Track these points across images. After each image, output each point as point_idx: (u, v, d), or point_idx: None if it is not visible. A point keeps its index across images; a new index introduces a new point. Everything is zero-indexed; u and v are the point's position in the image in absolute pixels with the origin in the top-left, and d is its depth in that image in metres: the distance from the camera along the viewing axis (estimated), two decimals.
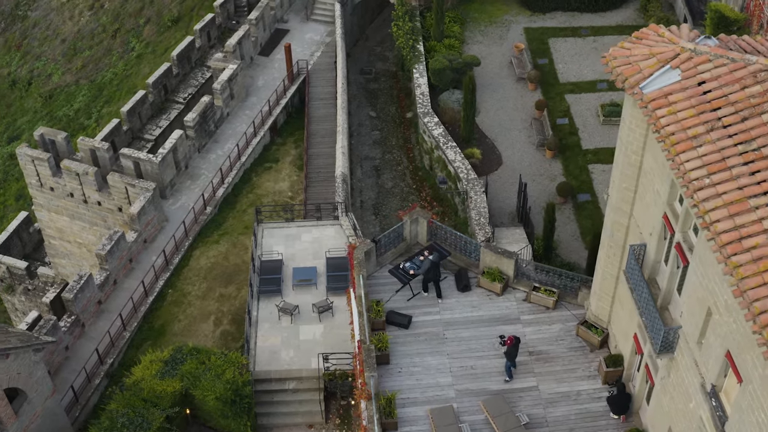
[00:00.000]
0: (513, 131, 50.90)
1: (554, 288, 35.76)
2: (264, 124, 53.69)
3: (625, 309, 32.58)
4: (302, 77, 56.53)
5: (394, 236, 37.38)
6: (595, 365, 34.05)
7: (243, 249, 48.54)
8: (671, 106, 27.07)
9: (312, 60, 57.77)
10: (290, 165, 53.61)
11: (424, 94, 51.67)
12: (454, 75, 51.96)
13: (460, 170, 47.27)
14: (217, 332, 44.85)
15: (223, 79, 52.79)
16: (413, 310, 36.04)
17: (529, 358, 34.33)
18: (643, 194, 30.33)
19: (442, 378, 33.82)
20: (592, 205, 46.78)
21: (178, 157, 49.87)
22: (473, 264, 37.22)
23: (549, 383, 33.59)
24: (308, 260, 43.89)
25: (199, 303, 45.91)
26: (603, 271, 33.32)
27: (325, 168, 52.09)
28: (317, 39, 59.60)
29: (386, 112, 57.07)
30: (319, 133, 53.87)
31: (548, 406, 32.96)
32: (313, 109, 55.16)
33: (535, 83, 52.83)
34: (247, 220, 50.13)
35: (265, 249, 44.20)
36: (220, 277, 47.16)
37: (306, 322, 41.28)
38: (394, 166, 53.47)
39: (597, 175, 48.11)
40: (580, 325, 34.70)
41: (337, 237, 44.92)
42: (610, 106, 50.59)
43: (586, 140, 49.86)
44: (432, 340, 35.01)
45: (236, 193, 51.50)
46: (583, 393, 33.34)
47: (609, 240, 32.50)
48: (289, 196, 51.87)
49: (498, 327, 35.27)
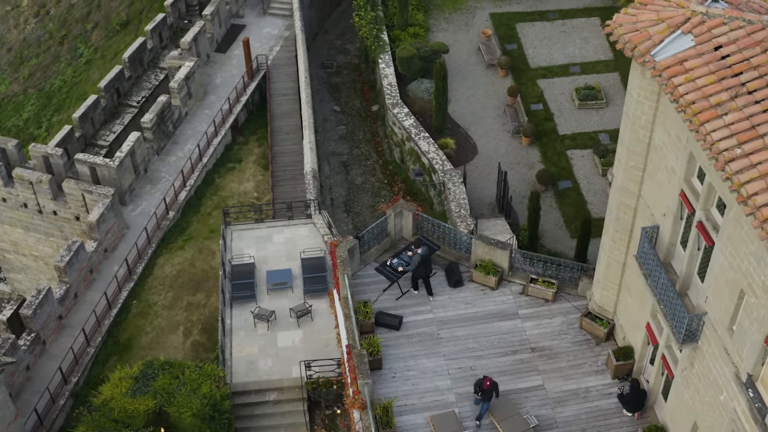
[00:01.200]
0: (486, 119, 47.90)
1: (553, 279, 32.69)
2: (225, 123, 50.15)
3: (635, 297, 29.64)
4: (262, 73, 53.06)
5: (377, 232, 34.12)
6: (603, 359, 31.07)
7: (210, 254, 45.07)
8: (688, 73, 24.19)
9: (271, 55, 54.32)
10: (254, 164, 50.14)
11: (392, 85, 48.49)
12: (422, 63, 48.84)
13: (435, 161, 44.17)
14: (188, 343, 41.36)
15: (179, 77, 49.16)
16: (403, 309, 32.81)
17: (532, 354, 31.26)
18: (654, 172, 27.40)
19: (441, 381, 30.62)
20: (574, 192, 43.92)
21: (136, 161, 46.16)
22: (464, 257, 34.07)
23: (555, 381, 30.56)
24: (282, 262, 40.47)
25: (167, 313, 42.39)
26: (608, 258, 30.35)
27: (292, 165, 48.73)
28: (275, 33, 56.14)
29: (351, 106, 53.80)
30: (283, 130, 50.46)
31: (556, 406, 29.92)
32: (275, 105, 51.71)
33: (505, 69, 49.88)
34: (212, 224, 46.64)
35: (235, 252, 40.70)
36: (187, 285, 43.64)
37: (284, 328, 37.91)
38: (363, 161, 50.22)
39: (576, 160, 45.26)
40: (583, 317, 31.72)
41: (311, 236, 41.54)
42: (585, 90, 47.82)
43: (563, 125, 47.01)
44: (426, 341, 31.80)
45: (199, 196, 47.92)
46: (593, 390, 30.35)
47: (614, 224, 29.53)
48: (255, 196, 48.40)
49: (495, 323, 32.19)
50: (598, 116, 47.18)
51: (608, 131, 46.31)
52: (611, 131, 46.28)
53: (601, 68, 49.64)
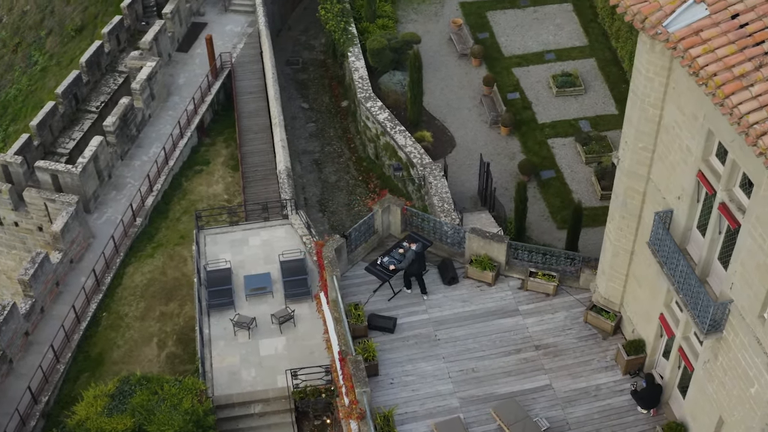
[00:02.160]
0: (462, 110, 45.54)
1: (553, 272, 30.36)
2: (190, 125, 47.35)
3: (645, 287, 27.40)
4: (226, 71, 50.30)
5: (364, 229, 31.57)
6: (612, 354, 28.80)
7: (181, 261, 42.28)
8: (706, 43, 21.91)
9: (235, 53, 51.56)
10: (223, 166, 47.38)
11: (363, 78, 45.95)
12: (393, 55, 46.38)
13: (413, 155, 41.73)
14: (162, 356, 38.60)
15: (141, 78, 46.26)
16: (397, 310, 30.31)
17: (536, 353, 28.90)
18: (665, 153, 25.15)
19: (442, 385, 28.15)
20: (557, 182, 41.70)
21: (99, 166, 43.22)
22: (457, 253, 31.63)
23: (563, 380, 28.22)
24: (260, 266, 37.84)
25: (139, 325, 39.59)
26: (614, 247, 28.08)
27: (262, 165, 46.08)
28: (238, 30, 53.38)
29: (319, 102, 51.19)
30: (252, 129, 47.77)
31: (567, 406, 27.58)
32: (241, 104, 48.98)
33: (479, 59, 47.56)
34: (182, 229, 43.85)
35: (210, 258, 37.97)
36: (159, 294, 40.87)
37: (266, 335, 35.34)
38: (335, 159, 47.65)
39: (558, 149, 43.05)
40: (588, 310, 29.42)
41: (288, 238, 38.94)
42: (563, 77, 45.65)
43: (542, 114, 44.78)
44: (423, 343, 29.31)
45: (167, 200, 45.09)
46: (603, 387, 28.04)
47: (621, 210, 27.25)
48: (226, 199, 45.65)
49: (495, 321, 29.80)
50: (577, 103, 45.04)
51: (588, 118, 44.19)
52: (591, 118, 44.18)
53: (577, 54, 47.52)
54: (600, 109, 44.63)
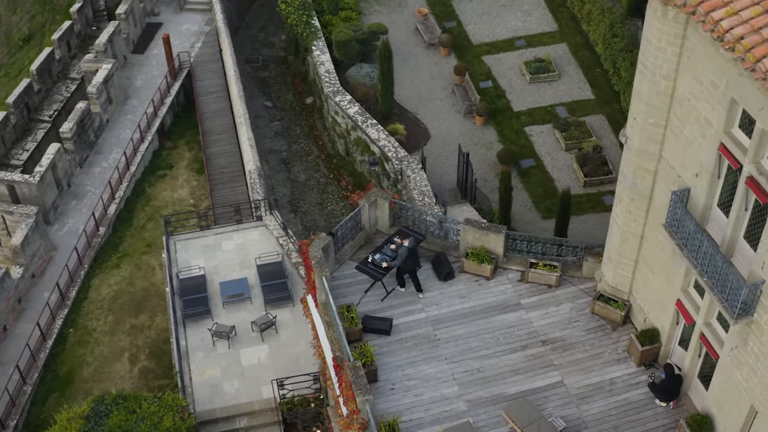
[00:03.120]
0: (434, 101, 43.30)
1: (555, 262, 28.16)
2: (150, 128, 44.56)
3: (658, 273, 25.30)
4: (185, 72, 47.53)
5: (350, 226, 29.09)
6: (623, 345, 26.66)
7: (149, 270, 39.54)
8: (728, 5, 19.90)
9: (193, 52, 48.80)
10: (186, 169, 44.64)
11: (330, 72, 43.49)
12: (360, 47, 44.01)
13: (388, 149, 39.38)
14: (135, 371, 35.92)
15: (97, 81, 43.37)
16: (391, 311, 27.89)
17: (544, 348, 26.66)
18: (679, 128, 23.07)
19: (446, 389, 25.79)
20: (538, 170, 39.62)
21: (58, 175, 40.28)
22: (451, 246, 29.30)
23: (575, 375, 26.01)
24: (235, 272, 35.20)
25: (108, 340, 36.85)
26: (622, 232, 25.93)
27: (229, 167, 43.47)
28: (195, 29, 50.65)
29: (283, 100, 48.61)
30: (215, 130, 45.13)
31: (581, 404, 25.37)
32: (203, 104, 46.28)
33: (447, 48, 45.36)
34: (147, 237, 41.09)
35: (182, 265, 35.23)
36: (128, 307, 38.12)
37: (246, 344, 32.75)
38: (303, 157, 45.12)
39: (536, 137, 40.97)
40: (595, 300, 27.25)
41: (264, 240, 36.33)
42: (535, 63, 43.62)
43: (516, 102, 42.69)
44: (422, 345, 26.93)
45: (130, 208, 42.28)
46: (618, 381, 25.89)
47: (630, 192, 25.12)
48: (192, 203, 42.95)
49: (497, 316, 27.49)
50: (551, 89, 43.01)
51: (565, 104, 42.19)
52: (568, 104, 42.19)
53: (547, 40, 45.51)
54: (576, 94, 42.66)
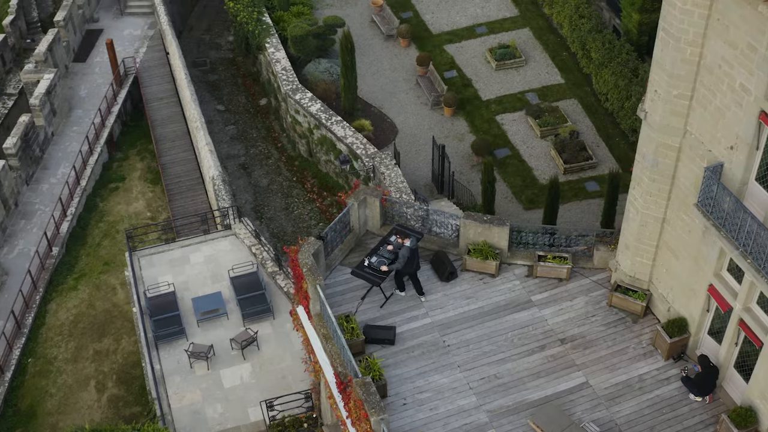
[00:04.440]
0: (399, 94, 40.43)
1: (564, 253, 25.49)
2: (99, 139, 40.94)
3: (685, 258, 22.76)
4: (131, 78, 43.89)
5: (339, 228, 26.05)
6: (647, 338, 24.08)
7: (109, 290, 36.09)
8: None
9: (138, 57, 45.14)
10: (140, 181, 41.11)
11: (287, 69, 40.35)
12: (317, 42, 40.93)
13: (356, 146, 36.43)
14: (103, 399, 32.57)
15: (40, 92, 39.57)
16: (393, 318, 24.91)
17: (563, 347, 23.94)
18: (708, 98, 20.53)
19: (463, 399, 22.91)
20: (514, 160, 36.99)
21: (4, 194, 36.53)
22: (450, 243, 26.44)
23: (600, 375, 23.34)
24: (208, 286, 31.98)
25: (71, 368, 33.41)
26: (641, 216, 23.34)
27: (186, 175, 40.11)
28: (138, 34, 47.02)
29: (235, 103, 45.28)
30: (168, 137, 41.67)
31: (611, 405, 22.71)
32: (153, 111, 42.75)
33: (407, 39, 42.54)
34: (105, 255, 37.55)
35: (149, 282, 31.85)
36: (90, 331, 34.66)
37: (227, 363, 29.67)
38: (263, 161, 41.88)
39: (509, 125, 38.35)
40: (612, 292, 24.62)
41: (235, 250, 33.12)
42: (500, 49, 41.00)
43: (484, 90, 40.01)
44: (431, 353, 24.01)
45: (83, 225, 38.66)
46: (647, 377, 23.29)
47: (650, 172, 22.53)
48: (149, 216, 39.45)
49: (508, 316, 24.69)
50: (519, 75, 40.44)
51: (535, 90, 39.63)
52: (538, 90, 39.63)
53: (509, 25, 42.96)
54: (545, 79, 40.14)
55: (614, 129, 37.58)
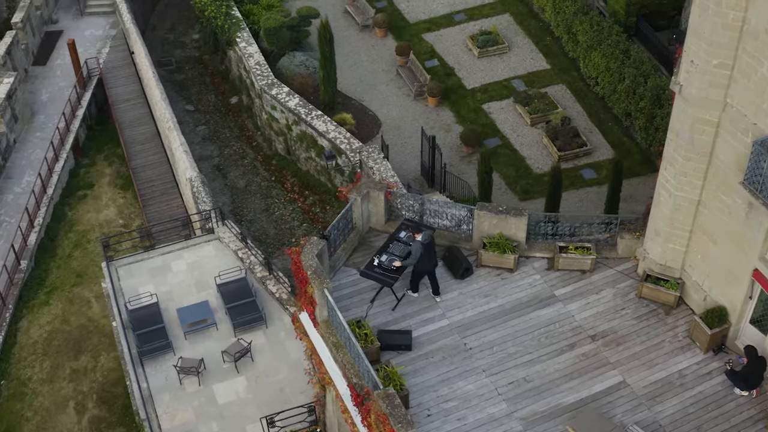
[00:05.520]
0: (379, 86, 38.00)
1: (586, 243, 23.24)
2: (64, 145, 37.98)
3: (725, 242, 20.61)
4: (95, 80, 40.90)
5: (342, 226, 23.54)
6: (683, 331, 21.91)
7: (84, 304, 33.30)
8: None
9: (102, 58, 42.17)
10: (110, 187, 38.24)
11: (261, 64, 37.71)
12: (291, 34, 38.37)
13: (340, 141, 33.95)
14: (84, 421, 29.92)
15: (0, 97, 36.37)
16: (407, 321, 22.46)
17: (594, 344, 21.68)
18: (753, 67, 18.39)
19: (493, 407, 20.54)
20: (506, 149, 34.74)
21: None
22: (461, 237, 24.06)
23: (637, 372, 21.12)
24: (193, 295, 29.27)
25: (48, 389, 30.61)
26: (674, 199, 21.17)
27: (159, 179, 37.40)
28: (100, 34, 44.05)
29: (205, 102, 42.48)
30: (138, 140, 38.87)
31: (653, 404, 20.50)
32: (120, 113, 39.89)
33: (383, 29, 40.12)
34: (76, 267, 34.71)
35: (129, 294, 29.06)
36: (66, 348, 31.87)
37: (219, 378, 27.01)
38: (238, 161, 39.17)
39: (497, 114, 36.10)
40: (642, 282, 22.42)
41: (220, 255, 30.43)
42: (482, 36, 38.74)
43: (468, 79, 37.71)
44: (453, 357, 21.60)
45: (52, 236, 35.73)
46: (687, 372, 21.12)
47: (685, 150, 20.35)
48: (122, 224, 36.61)
49: (532, 314, 22.39)
50: (503, 62, 38.19)
51: (520, 77, 37.41)
52: (524, 76, 37.42)
53: (488, 12, 40.69)
54: (530, 65, 37.96)
55: (606, 114, 35.49)
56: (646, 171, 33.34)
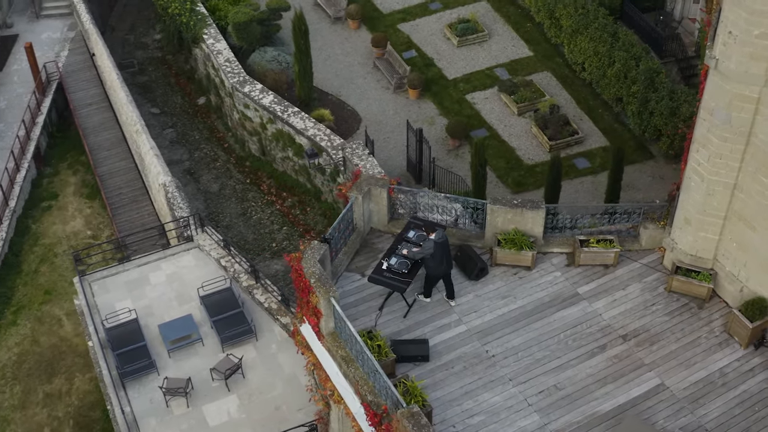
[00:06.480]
0: (356, 79, 35.67)
1: (609, 236, 21.12)
2: (25, 154, 35.07)
3: (764, 228, 18.60)
4: (55, 85, 38.00)
5: (342, 228, 21.15)
6: (718, 325, 19.85)
7: (55, 323, 30.65)
8: None
9: (60, 62, 39.25)
10: (75, 196, 35.49)
11: (231, 60, 35.17)
12: (261, 29, 35.88)
13: (320, 138, 31.59)
14: None
15: None
16: (420, 329, 20.14)
17: (626, 345, 19.54)
18: None
19: (524, 419, 18.31)
20: (494, 140, 32.63)
21: None
22: (473, 235, 21.81)
23: (675, 373, 19.01)
24: (174, 309, 26.71)
25: (20, 416, 28.07)
26: (708, 184, 19.11)
27: (127, 185, 34.79)
28: (58, 36, 41.13)
29: (171, 104, 39.77)
30: (103, 146, 36.12)
31: (695, 407, 18.40)
32: (83, 119, 37.09)
33: (356, 20, 37.79)
34: (44, 283, 31.99)
35: (105, 310, 26.41)
36: (37, 371, 29.21)
37: (209, 398, 24.55)
38: (210, 164, 36.59)
39: (481, 104, 33.98)
40: (672, 275, 20.35)
41: (201, 265, 27.87)
42: (461, 24, 36.58)
43: (449, 69, 35.53)
44: (475, 366, 19.32)
45: (16, 251, 32.97)
46: (728, 370, 19.06)
47: (720, 130, 18.28)
48: (90, 235, 33.88)
49: (555, 315, 20.18)
50: (484, 51, 36.06)
51: (503, 65, 35.33)
52: (506, 64, 35.36)
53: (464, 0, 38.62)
54: (512, 53, 35.87)
55: (595, 100, 33.53)
56: (641, 158, 31.48)
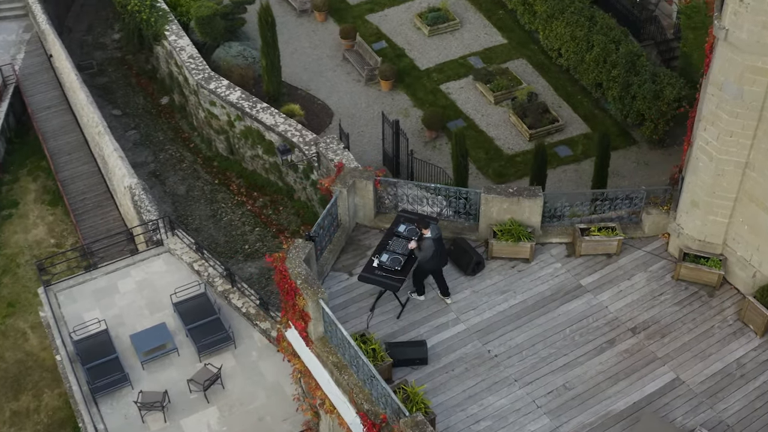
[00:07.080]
0: (326, 72, 33.97)
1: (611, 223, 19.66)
2: None
3: None
4: (11, 89, 35.79)
5: (327, 224, 19.45)
6: (731, 314, 18.51)
7: (19, 336, 28.64)
8: None
9: (17, 64, 37.05)
10: (36, 204, 33.38)
11: (195, 57, 33.31)
12: (225, 23, 34.03)
13: (291, 134, 29.89)
14: None
15: None
16: (416, 329, 18.54)
17: (636, 338, 18.11)
18: None
19: (533, 423, 16.79)
20: (471, 131, 31.11)
21: None
22: (467, 228, 20.22)
23: (690, 366, 17.65)
24: (146, 318, 24.87)
25: None
26: (717, 163, 17.71)
27: (91, 190, 32.80)
28: (13, 39, 38.90)
29: (133, 105, 37.76)
30: (64, 150, 34.12)
31: (715, 402, 17.04)
32: (42, 122, 34.99)
33: (323, 12, 36.09)
34: (7, 295, 30.01)
35: (73, 322, 24.50)
36: (3, 388, 27.49)
37: (188, 411, 22.80)
38: (176, 165, 34.69)
39: (456, 94, 32.46)
40: (680, 262, 18.93)
41: (172, 270, 26.02)
42: (431, 13, 35.03)
43: (421, 59, 33.97)
44: (477, 368, 17.76)
45: None
46: (745, 360, 17.73)
47: (731, 106, 16.89)
48: (54, 243, 31.84)
49: (559, 309, 18.75)
50: (456, 40, 34.55)
51: (477, 53, 33.86)
52: (480, 53, 33.88)
53: None
54: (485, 41, 34.40)
55: (573, 86, 32.16)
56: (624, 144, 30.18)
